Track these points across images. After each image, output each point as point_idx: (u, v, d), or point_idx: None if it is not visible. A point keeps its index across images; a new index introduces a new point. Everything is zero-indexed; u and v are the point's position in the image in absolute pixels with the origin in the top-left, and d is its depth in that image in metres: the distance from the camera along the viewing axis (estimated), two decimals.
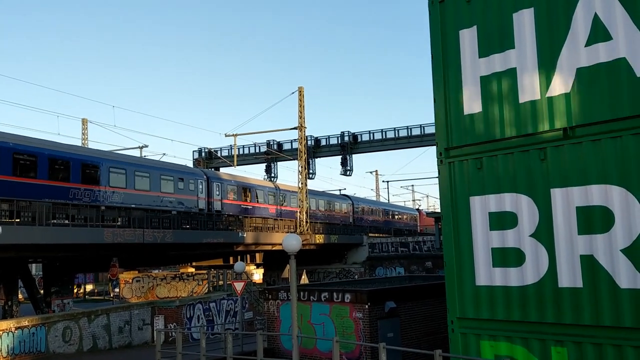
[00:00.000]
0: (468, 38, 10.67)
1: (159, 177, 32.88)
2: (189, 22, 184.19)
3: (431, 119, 11.28)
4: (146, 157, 38.35)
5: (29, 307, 31.44)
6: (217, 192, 38.14)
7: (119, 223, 28.74)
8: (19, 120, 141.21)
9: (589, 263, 9.06)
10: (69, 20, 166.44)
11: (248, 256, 48.45)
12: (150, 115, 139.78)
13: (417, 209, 79.71)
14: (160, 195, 32.78)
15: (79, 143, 47.54)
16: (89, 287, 59.13)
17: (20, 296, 33.44)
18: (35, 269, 48.22)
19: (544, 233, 9.53)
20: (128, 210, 29.96)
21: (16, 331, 21.36)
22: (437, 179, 11.18)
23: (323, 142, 53.23)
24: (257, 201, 42.79)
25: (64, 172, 26.81)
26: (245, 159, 55.83)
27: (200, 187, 36.46)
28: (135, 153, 45.31)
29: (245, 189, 41.56)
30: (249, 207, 41.73)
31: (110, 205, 29.19)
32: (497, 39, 10.29)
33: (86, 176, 27.84)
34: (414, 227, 72.12)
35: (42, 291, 31.55)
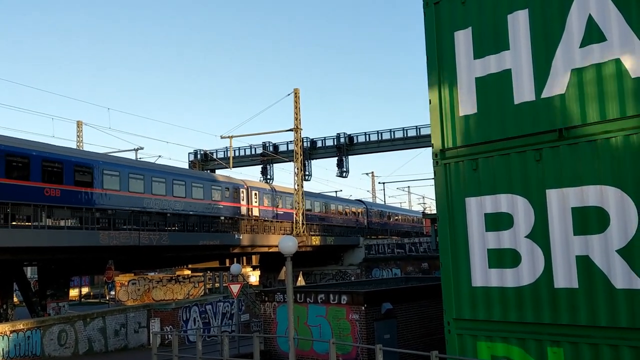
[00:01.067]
0: (463, 39, 10.69)
1: (210, 187, 38.12)
2: (184, 23, 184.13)
3: (427, 120, 11.30)
4: (198, 171, 44.22)
5: (25, 311, 31.33)
6: (255, 200, 43.25)
7: (175, 228, 32.54)
8: (12, 122, 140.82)
9: (584, 264, 9.08)
10: (64, 22, 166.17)
11: (244, 258, 48.44)
12: (146, 118, 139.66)
13: (423, 212, 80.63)
14: (211, 203, 37.88)
15: (73, 145, 47.43)
16: (85, 290, 58.98)
17: (15, 299, 33.31)
18: (30, 272, 48.06)
19: (540, 234, 9.55)
20: (186, 217, 34.56)
21: (11, 334, 21.28)
22: (433, 180, 11.18)
23: (319, 144, 53.28)
24: (285, 207, 47.08)
25: (140, 186, 32.28)
26: (241, 160, 55.82)
27: (242, 195, 41.53)
28: (131, 155, 45.30)
29: (276, 195, 46.44)
30: (281, 212, 46.38)
31: (174, 212, 34.00)
32: (492, 40, 10.31)
33: (155, 187, 33.19)
34: (421, 229, 73.20)
35: (37, 294, 31.45)
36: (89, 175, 28.51)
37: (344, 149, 51.69)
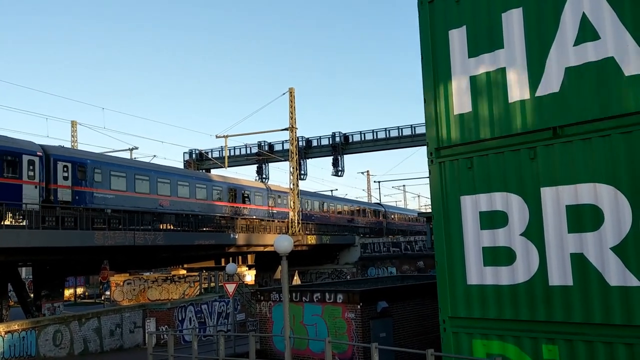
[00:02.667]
0: (457, 38, 10.71)
1: (253, 193, 44.15)
2: (178, 23, 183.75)
3: (422, 119, 11.31)
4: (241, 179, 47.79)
5: (19, 311, 31.23)
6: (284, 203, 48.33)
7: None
8: (6, 122, 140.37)
9: (579, 261, 9.12)
10: (57, 21, 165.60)
11: (240, 257, 48.39)
12: (140, 117, 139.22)
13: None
14: (255, 208, 43.94)
15: (68, 145, 47.28)
16: (80, 290, 58.81)
17: (10, 300, 33.20)
18: (25, 272, 47.89)
19: (535, 232, 9.58)
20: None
21: (6, 335, 21.20)
22: (428, 178, 11.20)
23: (314, 143, 53.30)
24: (314, 210, 52.53)
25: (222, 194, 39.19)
26: (237, 160, 55.78)
27: (287, 201, 47.43)
28: (126, 155, 45.21)
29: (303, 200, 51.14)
30: (309, 214, 51.33)
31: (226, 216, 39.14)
32: (486, 39, 10.33)
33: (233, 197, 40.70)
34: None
35: (32, 295, 31.33)
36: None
37: (340, 148, 51.73)
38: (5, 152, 24.48)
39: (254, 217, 43.07)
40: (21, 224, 24.34)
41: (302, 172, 51.14)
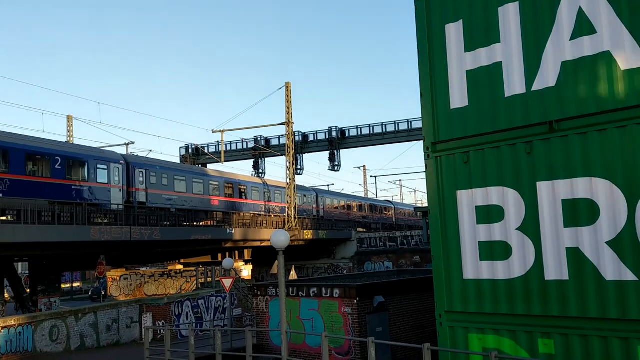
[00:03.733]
0: (454, 32, 10.69)
1: (275, 192, 47.62)
2: (174, 18, 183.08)
3: (418, 113, 11.31)
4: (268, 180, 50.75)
5: (16, 306, 31.18)
6: (323, 205, 54.89)
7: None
8: (2, 117, 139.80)
9: (574, 255, 9.13)
10: (53, 15, 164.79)
11: (237, 252, 48.41)
12: (136, 112, 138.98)
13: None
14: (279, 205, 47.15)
15: (64, 140, 47.12)
16: (76, 285, 58.78)
17: (6, 295, 33.14)
18: (21, 267, 47.82)
19: (531, 226, 9.59)
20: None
21: (2, 330, 21.18)
22: (424, 173, 11.20)
23: (311, 138, 53.22)
24: (333, 207, 57.45)
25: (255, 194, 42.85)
26: (233, 155, 55.68)
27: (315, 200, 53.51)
28: (122, 150, 45.13)
29: (332, 200, 57.46)
30: (329, 212, 56.05)
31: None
32: (482, 33, 10.31)
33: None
34: None
35: (28, 290, 31.29)
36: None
37: (336, 142, 51.68)
38: (98, 161, 29.40)
39: (280, 214, 46.98)
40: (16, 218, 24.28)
41: (299, 167, 51.09)
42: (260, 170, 54.30)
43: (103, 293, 38.41)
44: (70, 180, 27.74)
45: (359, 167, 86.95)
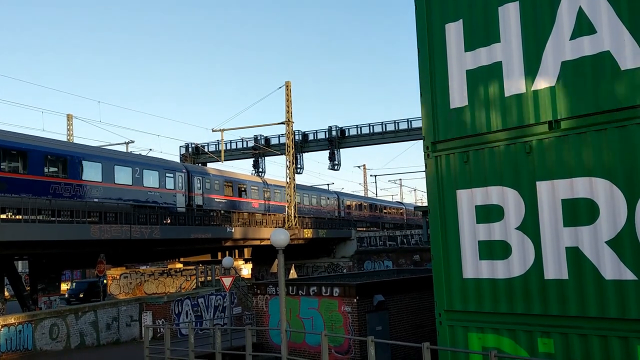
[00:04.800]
0: (454, 32, 10.70)
1: (318, 197, 55.67)
2: (175, 16, 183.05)
3: (418, 112, 11.33)
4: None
5: (16, 305, 31.22)
6: (343, 207, 59.80)
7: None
8: (2, 115, 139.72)
9: (574, 255, 9.14)
10: (52, 13, 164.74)
11: (236, 251, 48.47)
12: (136, 111, 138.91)
13: None
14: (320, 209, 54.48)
15: (64, 139, 47.14)
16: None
17: (6, 293, 33.17)
18: (21, 266, 47.84)
19: (530, 225, 9.60)
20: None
21: (2, 329, 21.21)
22: (424, 172, 11.22)
23: (311, 137, 53.19)
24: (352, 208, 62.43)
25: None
26: (233, 154, 55.64)
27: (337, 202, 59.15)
28: (122, 149, 45.16)
29: (349, 201, 62.03)
30: (348, 212, 60.94)
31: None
32: (482, 33, 10.32)
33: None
34: None
35: (28, 288, 31.31)
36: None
37: (336, 142, 51.66)
38: (167, 171, 34.58)
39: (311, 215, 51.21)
40: (17, 217, 24.30)
41: (299, 165, 51.09)
42: (260, 170, 54.28)
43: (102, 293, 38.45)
44: (146, 187, 32.61)
45: (359, 166, 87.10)
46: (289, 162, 45.91)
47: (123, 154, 33.60)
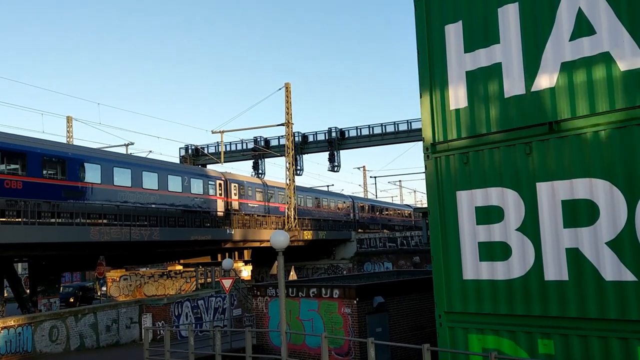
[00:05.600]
0: (453, 33, 10.70)
1: (335, 201, 59.15)
2: (174, 18, 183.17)
3: (418, 114, 11.34)
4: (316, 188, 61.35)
5: (15, 307, 31.16)
6: (359, 210, 62.83)
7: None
8: (1, 118, 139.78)
9: (574, 256, 9.14)
10: (52, 15, 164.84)
11: (236, 253, 48.39)
12: (136, 113, 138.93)
13: None
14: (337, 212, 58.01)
15: (64, 141, 47.15)
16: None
17: (5, 294, 33.10)
18: (21, 268, 47.79)
19: (530, 227, 9.60)
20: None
21: (2, 331, 21.18)
22: (424, 174, 11.21)
23: (310, 139, 53.16)
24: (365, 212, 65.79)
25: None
26: (233, 155, 55.60)
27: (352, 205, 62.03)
28: (122, 150, 45.17)
29: (362, 205, 65.56)
30: (364, 216, 64.44)
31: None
32: (482, 34, 10.33)
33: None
34: None
35: (28, 290, 31.25)
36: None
37: (336, 143, 51.62)
38: (209, 179, 38.48)
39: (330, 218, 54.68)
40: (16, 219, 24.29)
41: (299, 167, 51.07)
42: (260, 171, 54.26)
43: (104, 290, 38.46)
44: (193, 193, 36.39)
45: (358, 168, 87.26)
46: (289, 163, 45.90)
47: (174, 165, 38.10)
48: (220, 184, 39.25)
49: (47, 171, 26.44)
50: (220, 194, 39.18)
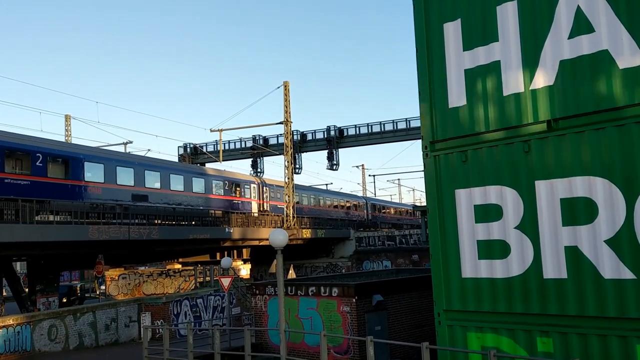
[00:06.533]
0: (452, 31, 10.68)
1: (351, 202, 63.83)
2: (173, 16, 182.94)
3: (417, 112, 11.33)
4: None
5: (14, 306, 31.15)
6: (372, 210, 67.02)
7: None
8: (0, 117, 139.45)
9: (573, 254, 9.14)
10: (50, 14, 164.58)
11: (235, 251, 48.42)
12: (134, 111, 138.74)
13: None
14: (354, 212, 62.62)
15: (62, 139, 47.07)
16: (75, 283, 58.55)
17: (4, 293, 33.07)
18: (19, 267, 47.75)
19: (529, 225, 9.59)
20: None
21: (1, 330, 21.17)
22: (422, 172, 11.20)
23: (309, 137, 53.13)
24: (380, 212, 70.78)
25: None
26: (231, 154, 55.57)
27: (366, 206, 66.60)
28: (120, 149, 45.13)
29: (375, 205, 69.59)
30: (378, 215, 69.34)
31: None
32: (481, 32, 10.31)
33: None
34: None
35: (27, 289, 31.23)
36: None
37: (334, 141, 51.60)
38: (246, 183, 43.40)
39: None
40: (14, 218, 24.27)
41: (297, 165, 51.06)
42: (259, 170, 54.22)
43: (102, 289, 38.37)
44: (233, 196, 41.37)
45: (357, 166, 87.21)
46: (288, 162, 45.88)
47: (217, 171, 42.53)
48: (255, 188, 44.46)
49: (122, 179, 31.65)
50: (256, 197, 44.46)
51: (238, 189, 42.13)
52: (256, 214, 42.44)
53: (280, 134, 50.71)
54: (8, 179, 24.61)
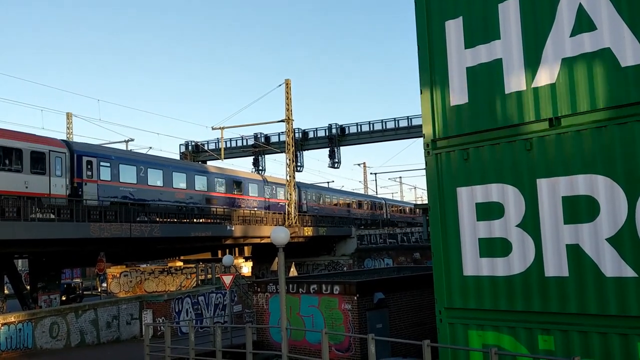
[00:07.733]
0: (454, 29, 10.67)
1: (373, 203, 69.22)
2: (174, 14, 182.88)
3: (418, 110, 11.32)
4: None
5: (16, 303, 31.21)
6: (384, 210, 71.23)
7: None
8: (1, 114, 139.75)
9: (574, 252, 9.13)
10: (52, 12, 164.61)
11: (237, 249, 48.48)
12: (136, 109, 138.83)
13: None
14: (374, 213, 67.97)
15: (64, 137, 47.09)
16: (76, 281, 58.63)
17: (6, 291, 33.14)
18: (21, 264, 47.83)
19: (530, 223, 9.58)
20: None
21: (2, 327, 21.21)
22: (424, 170, 11.20)
23: (311, 135, 53.12)
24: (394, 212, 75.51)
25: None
26: (233, 152, 55.60)
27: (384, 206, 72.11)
28: (122, 147, 45.14)
29: (380, 204, 72.46)
30: (392, 215, 73.59)
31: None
32: (482, 30, 10.29)
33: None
34: None
35: (28, 287, 31.28)
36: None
37: (336, 139, 51.59)
38: (278, 185, 47.45)
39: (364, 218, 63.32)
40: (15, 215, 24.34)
41: (299, 163, 51.06)
42: (260, 167, 54.24)
43: (104, 286, 38.42)
44: (269, 198, 46.08)
45: (359, 164, 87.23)
46: (289, 160, 45.88)
47: (249, 174, 46.72)
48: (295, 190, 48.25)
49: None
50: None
51: (277, 191, 47.28)
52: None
53: (282, 132, 50.73)
54: None
